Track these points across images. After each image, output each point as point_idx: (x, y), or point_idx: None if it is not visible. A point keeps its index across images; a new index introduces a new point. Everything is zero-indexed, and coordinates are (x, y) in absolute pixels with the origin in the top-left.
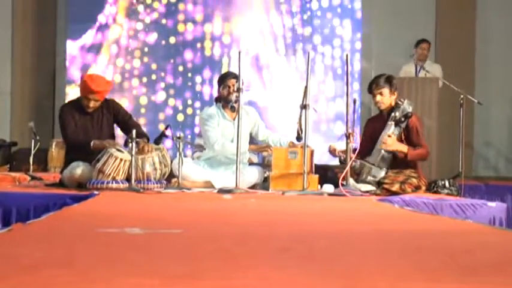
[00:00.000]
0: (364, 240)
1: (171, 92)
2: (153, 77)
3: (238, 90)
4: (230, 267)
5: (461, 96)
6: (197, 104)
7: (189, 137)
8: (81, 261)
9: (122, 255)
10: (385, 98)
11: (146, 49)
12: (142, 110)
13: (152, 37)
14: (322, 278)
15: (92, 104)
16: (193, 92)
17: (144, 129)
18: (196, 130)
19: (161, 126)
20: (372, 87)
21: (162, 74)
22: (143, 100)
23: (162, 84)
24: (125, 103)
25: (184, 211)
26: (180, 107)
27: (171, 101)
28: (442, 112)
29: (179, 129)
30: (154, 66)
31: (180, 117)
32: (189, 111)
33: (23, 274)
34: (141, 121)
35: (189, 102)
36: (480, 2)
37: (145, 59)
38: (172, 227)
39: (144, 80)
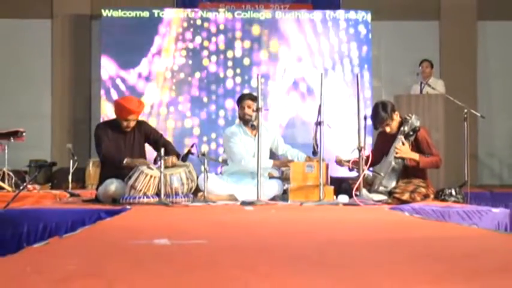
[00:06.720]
0: (374, 247)
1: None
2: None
3: (258, 110)
4: (248, 276)
5: (465, 110)
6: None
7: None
8: (110, 272)
9: (149, 266)
10: (392, 124)
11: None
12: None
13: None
14: (332, 284)
15: (131, 123)
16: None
17: None
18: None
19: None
20: (377, 126)
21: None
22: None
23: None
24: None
25: (209, 223)
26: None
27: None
28: (448, 126)
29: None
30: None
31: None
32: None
33: (54, 286)
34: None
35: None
36: (480, 25)
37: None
38: (198, 237)
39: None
